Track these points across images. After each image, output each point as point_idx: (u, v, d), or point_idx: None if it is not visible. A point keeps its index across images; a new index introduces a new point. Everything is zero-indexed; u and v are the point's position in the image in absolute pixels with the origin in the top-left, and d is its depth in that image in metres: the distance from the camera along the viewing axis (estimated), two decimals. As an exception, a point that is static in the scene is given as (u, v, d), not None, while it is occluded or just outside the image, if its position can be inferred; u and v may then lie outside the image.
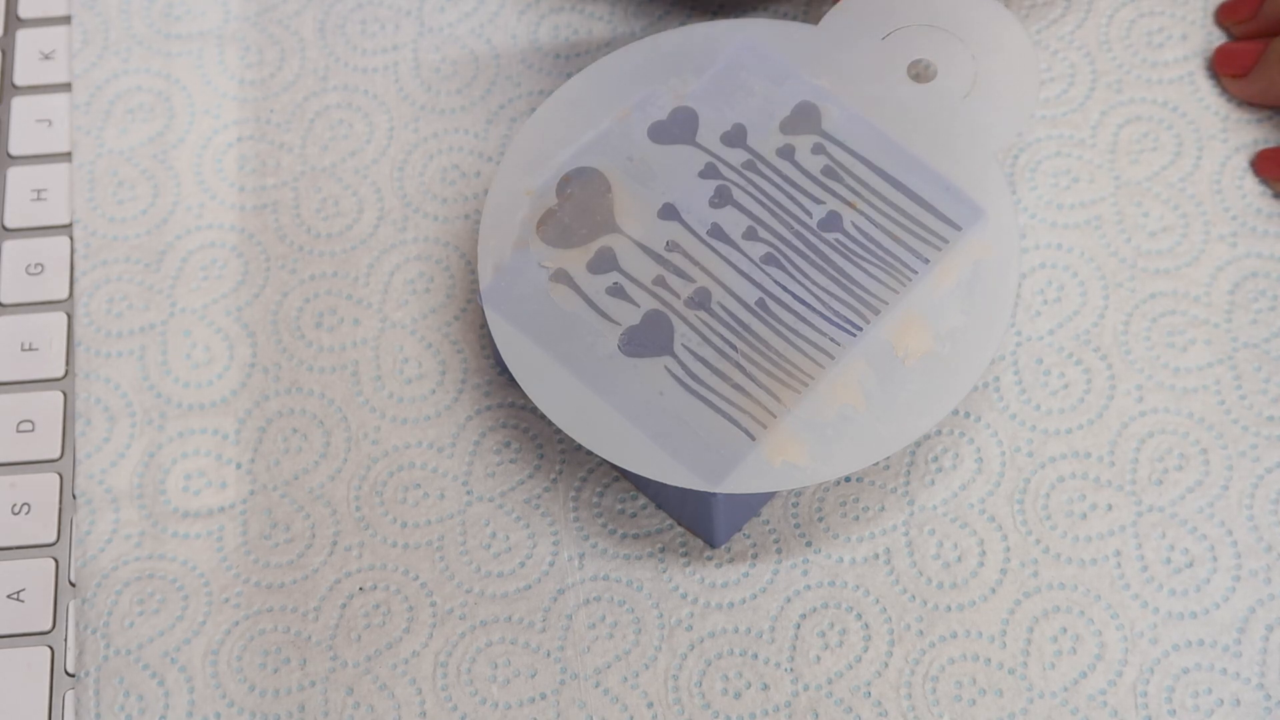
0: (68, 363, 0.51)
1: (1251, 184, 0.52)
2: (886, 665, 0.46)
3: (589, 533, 0.48)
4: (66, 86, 0.55)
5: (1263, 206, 0.52)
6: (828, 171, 0.48)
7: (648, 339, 0.45)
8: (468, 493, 0.49)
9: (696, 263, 0.47)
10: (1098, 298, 0.51)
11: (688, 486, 0.44)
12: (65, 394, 0.50)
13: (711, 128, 0.49)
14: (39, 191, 0.53)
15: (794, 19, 0.56)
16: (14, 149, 0.54)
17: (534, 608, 0.47)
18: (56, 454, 0.49)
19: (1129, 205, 0.52)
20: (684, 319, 0.46)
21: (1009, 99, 0.49)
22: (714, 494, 0.44)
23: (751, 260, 0.46)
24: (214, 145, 0.54)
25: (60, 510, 0.49)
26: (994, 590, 0.47)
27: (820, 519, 0.48)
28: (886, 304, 0.46)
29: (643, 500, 0.48)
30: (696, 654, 0.46)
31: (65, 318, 0.51)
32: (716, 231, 0.47)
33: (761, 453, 0.44)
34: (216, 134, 0.54)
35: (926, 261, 0.46)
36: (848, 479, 0.49)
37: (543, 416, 0.49)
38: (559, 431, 0.49)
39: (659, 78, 0.49)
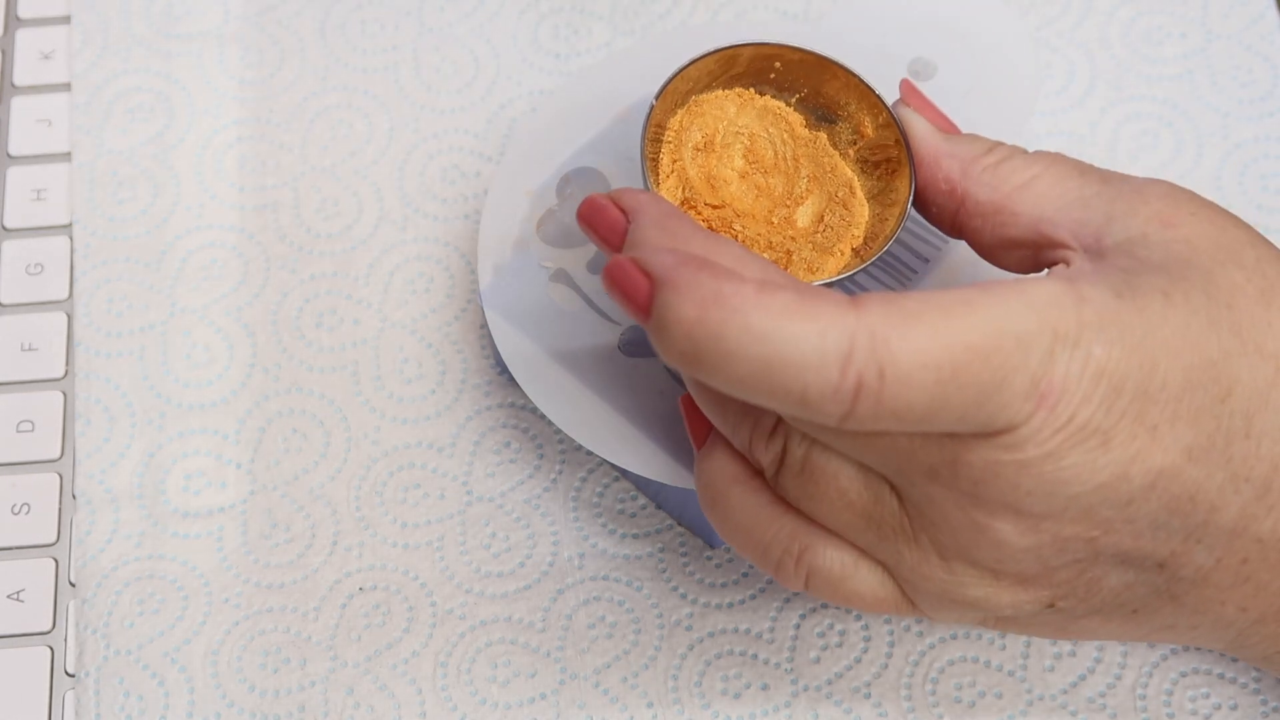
0: (68, 363, 0.51)
1: (1252, 182, 0.52)
2: (886, 665, 0.46)
3: (589, 533, 0.48)
4: (66, 86, 0.55)
5: (1264, 202, 0.52)
6: (827, 171, 0.48)
7: (647, 339, 0.45)
8: (468, 493, 0.49)
9: (696, 263, 0.46)
10: (1098, 297, 0.51)
11: (688, 487, 0.44)
12: (65, 394, 0.50)
13: (711, 128, 0.48)
14: (39, 191, 0.53)
15: (794, 18, 0.56)
16: (14, 149, 0.54)
17: (534, 608, 0.47)
18: (56, 454, 0.49)
19: (1129, 204, 0.52)
20: (684, 319, 0.46)
21: (1009, 97, 0.49)
22: (714, 494, 0.44)
23: (751, 260, 0.46)
24: (214, 145, 0.54)
25: (60, 510, 0.49)
26: (994, 590, 0.47)
27: (820, 519, 0.48)
28: (886, 304, 0.46)
29: (643, 500, 0.48)
30: (696, 654, 0.46)
31: (65, 318, 0.51)
32: (716, 232, 0.47)
33: (761, 453, 0.44)
34: (216, 134, 0.54)
35: (926, 261, 0.46)
36: (847, 479, 0.49)
37: (543, 416, 0.49)
38: (559, 431, 0.49)
39: (659, 78, 0.49)
